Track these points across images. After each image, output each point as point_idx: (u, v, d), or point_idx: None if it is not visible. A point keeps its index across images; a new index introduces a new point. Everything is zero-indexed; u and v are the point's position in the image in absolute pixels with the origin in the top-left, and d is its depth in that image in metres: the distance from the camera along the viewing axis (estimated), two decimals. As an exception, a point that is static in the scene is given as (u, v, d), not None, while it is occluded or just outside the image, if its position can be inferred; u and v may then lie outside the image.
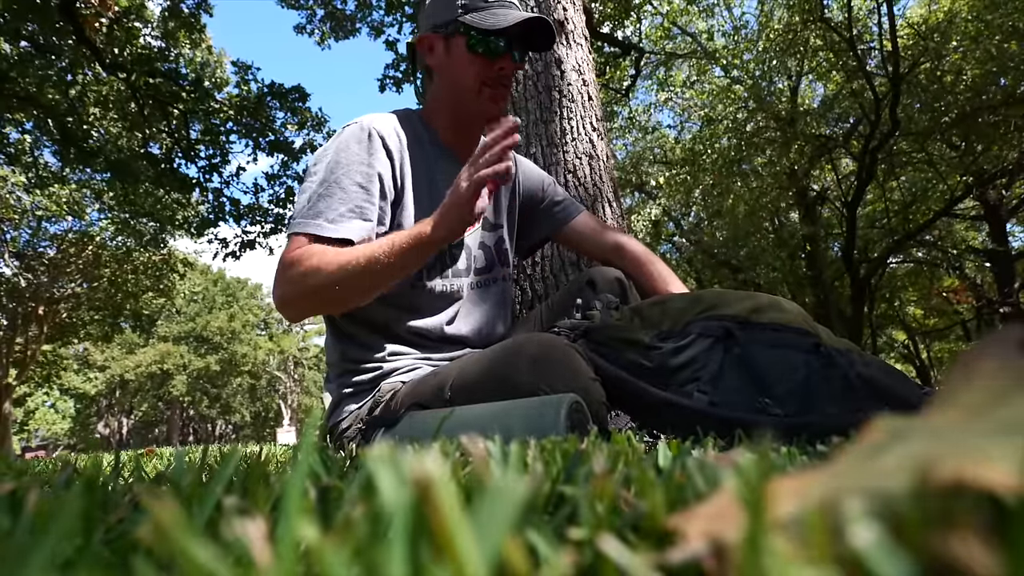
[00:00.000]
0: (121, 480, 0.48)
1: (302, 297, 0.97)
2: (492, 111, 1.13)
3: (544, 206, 1.35)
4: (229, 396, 27.33)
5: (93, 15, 6.24)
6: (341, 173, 1.03)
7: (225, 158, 7.71)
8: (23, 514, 0.23)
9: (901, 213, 9.18)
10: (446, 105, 1.17)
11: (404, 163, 1.10)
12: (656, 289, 1.25)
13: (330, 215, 1.00)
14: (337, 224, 0.99)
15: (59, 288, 12.83)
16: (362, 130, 1.07)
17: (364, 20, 7.75)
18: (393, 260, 0.94)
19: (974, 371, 0.21)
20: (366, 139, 1.06)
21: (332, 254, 0.95)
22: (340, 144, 1.06)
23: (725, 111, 9.17)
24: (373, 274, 0.94)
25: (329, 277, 0.93)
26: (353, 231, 1.00)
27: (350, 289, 0.96)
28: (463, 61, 1.11)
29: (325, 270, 0.93)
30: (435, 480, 0.13)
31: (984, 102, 6.92)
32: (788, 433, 0.76)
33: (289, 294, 0.97)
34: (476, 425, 0.73)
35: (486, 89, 1.11)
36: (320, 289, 0.94)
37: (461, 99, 1.14)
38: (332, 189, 1.02)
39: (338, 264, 0.94)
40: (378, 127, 1.08)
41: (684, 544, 0.16)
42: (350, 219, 1.01)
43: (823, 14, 7.30)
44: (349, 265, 0.93)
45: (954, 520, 0.13)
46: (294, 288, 0.96)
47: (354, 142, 1.06)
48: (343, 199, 1.01)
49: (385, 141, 1.08)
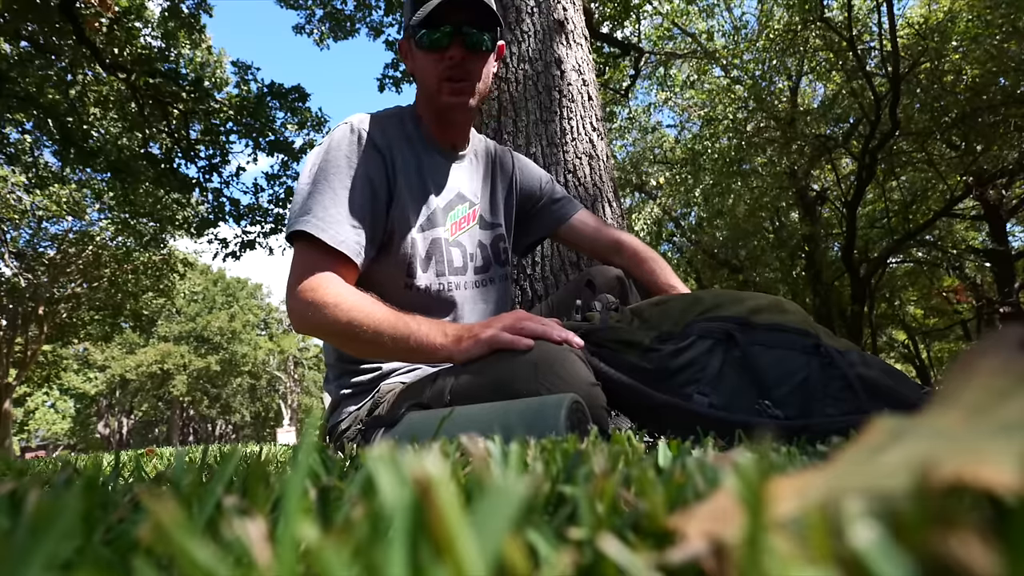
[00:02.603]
0: (121, 480, 0.48)
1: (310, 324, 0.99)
2: (452, 104, 1.13)
3: (542, 204, 1.35)
4: (229, 396, 27.33)
5: (93, 15, 6.24)
6: (332, 174, 1.04)
7: (225, 158, 7.72)
8: (23, 514, 0.23)
9: (901, 213, 9.19)
10: (423, 101, 1.20)
11: (395, 161, 1.11)
12: (655, 285, 1.25)
13: (320, 213, 1.01)
14: (326, 225, 1.01)
15: (59, 288, 12.84)
16: (352, 131, 1.09)
17: (363, 20, 7.76)
18: (395, 348, 0.95)
19: (974, 371, 0.21)
20: (355, 140, 1.08)
21: (348, 303, 0.96)
22: (330, 145, 1.07)
23: (725, 111, 9.16)
24: (373, 344, 0.96)
25: (336, 323, 0.95)
26: (347, 240, 1.01)
27: (346, 343, 1.00)
28: (421, 61, 1.13)
29: (334, 315, 0.95)
30: (435, 480, 0.13)
31: (984, 102, 6.92)
32: (788, 434, 0.76)
33: (300, 314, 0.99)
34: (476, 425, 0.73)
35: (444, 84, 1.11)
36: (326, 327, 0.97)
37: (428, 96, 1.16)
38: (322, 190, 1.03)
39: (348, 319, 0.95)
40: (367, 127, 1.10)
41: (684, 544, 0.16)
42: (342, 223, 1.02)
43: (823, 14, 7.30)
44: (355, 324, 0.94)
45: (954, 520, 0.13)
46: (306, 310, 0.98)
47: (344, 143, 1.07)
48: (334, 200, 1.03)
49: (374, 140, 1.09)
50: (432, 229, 1.14)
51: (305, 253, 1.01)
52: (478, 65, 1.13)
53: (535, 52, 2.06)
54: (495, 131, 2.01)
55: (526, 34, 2.09)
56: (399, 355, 0.98)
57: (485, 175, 1.27)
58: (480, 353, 0.91)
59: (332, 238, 1.00)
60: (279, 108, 7.61)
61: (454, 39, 1.09)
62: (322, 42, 8.13)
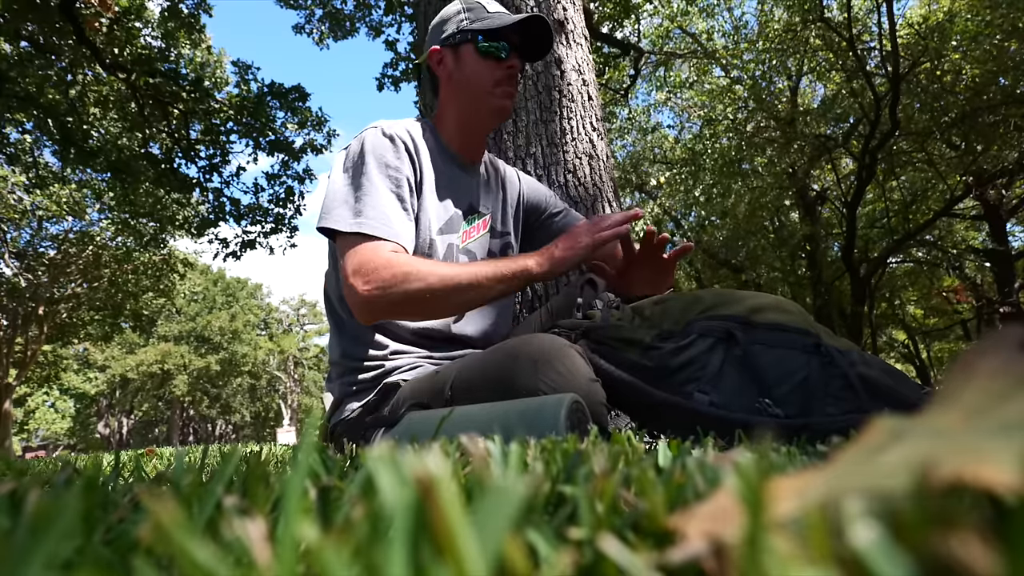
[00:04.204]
0: (121, 480, 0.48)
1: (392, 301, 0.97)
2: (505, 106, 1.21)
3: (545, 217, 1.40)
4: (229, 396, 27.33)
5: (93, 15, 6.24)
6: (374, 173, 1.06)
7: (225, 158, 7.71)
8: (23, 514, 0.23)
9: (901, 213, 9.19)
10: (455, 113, 1.23)
11: (423, 167, 1.15)
12: None
13: (371, 212, 1.02)
14: (381, 223, 1.02)
15: (59, 288, 12.84)
16: (384, 134, 1.11)
17: (363, 20, 7.76)
18: (495, 285, 0.99)
19: (974, 371, 0.21)
20: (390, 143, 1.10)
21: (427, 265, 0.98)
22: (364, 148, 1.09)
23: (725, 111, 9.17)
24: (472, 291, 0.98)
25: (428, 286, 0.95)
26: (401, 232, 1.04)
27: (441, 301, 0.98)
28: (476, 66, 1.19)
29: (424, 279, 0.95)
30: (436, 479, 0.13)
31: (984, 102, 6.92)
32: (788, 434, 0.76)
33: (376, 296, 0.97)
34: (476, 425, 0.73)
35: (498, 88, 1.19)
36: (414, 295, 0.96)
37: (474, 101, 1.21)
38: (368, 190, 1.05)
39: (439, 276, 0.96)
40: (398, 132, 1.13)
41: (684, 544, 0.16)
42: (394, 216, 1.04)
43: (823, 14, 7.30)
44: (449, 279, 0.96)
45: (954, 520, 0.13)
46: (383, 291, 0.96)
47: (379, 144, 1.10)
48: (380, 198, 1.04)
49: (407, 145, 1.12)
50: (448, 234, 1.18)
51: (359, 248, 1.01)
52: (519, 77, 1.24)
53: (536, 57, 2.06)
54: (495, 131, 2.01)
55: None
56: (499, 289, 1.00)
57: (497, 188, 1.33)
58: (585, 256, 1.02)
59: (389, 232, 1.01)
60: (279, 108, 7.60)
61: (511, 50, 1.20)
62: (322, 42, 8.12)
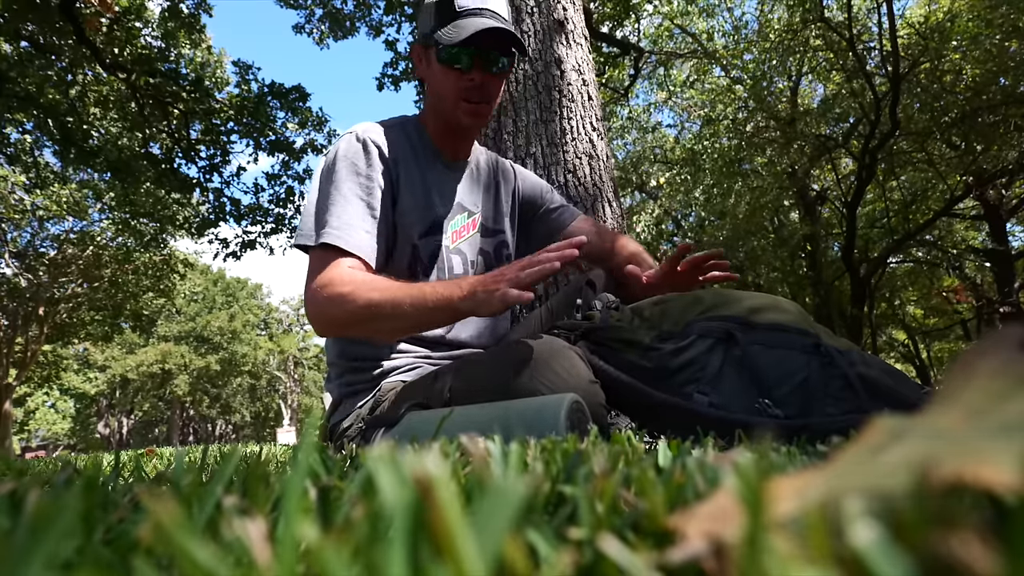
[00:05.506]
0: (121, 480, 0.48)
1: (330, 321, 0.99)
2: (465, 123, 1.13)
3: (542, 212, 1.37)
4: (229, 396, 27.33)
5: (93, 15, 6.23)
6: (342, 182, 1.06)
7: (225, 158, 7.71)
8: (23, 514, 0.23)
9: (901, 213, 9.18)
10: (432, 113, 1.20)
11: (399, 169, 1.13)
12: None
13: (334, 222, 1.03)
14: (343, 232, 1.02)
15: (59, 288, 12.84)
16: (357, 140, 1.10)
17: (363, 20, 7.76)
18: (417, 313, 0.93)
19: (974, 371, 0.21)
20: (361, 148, 1.09)
21: (365, 288, 0.95)
22: (337, 155, 1.09)
23: (725, 111, 9.16)
24: (395, 319, 0.94)
25: (353, 312, 0.95)
26: (361, 244, 1.03)
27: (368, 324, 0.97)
28: (439, 74, 1.12)
29: (353, 302, 0.95)
30: (436, 480, 0.13)
31: (984, 102, 6.91)
32: (788, 434, 0.76)
33: (316, 314, 1.00)
34: (476, 425, 0.73)
35: (462, 103, 1.11)
36: (343, 319, 0.97)
37: (441, 109, 1.16)
38: (334, 200, 1.05)
39: (364, 302, 0.94)
40: (372, 136, 1.11)
41: (684, 544, 0.16)
42: (355, 228, 1.03)
43: (823, 14, 7.30)
44: (373, 305, 0.94)
45: (954, 520, 0.13)
46: (322, 311, 0.98)
47: (351, 152, 1.09)
48: (345, 207, 1.04)
49: (379, 148, 1.10)
50: (433, 236, 1.15)
51: (319, 260, 1.02)
52: (496, 86, 1.14)
53: (535, 52, 2.06)
54: (495, 131, 2.01)
55: (526, 34, 2.09)
56: (422, 320, 0.95)
57: (488, 185, 1.29)
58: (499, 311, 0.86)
59: (347, 243, 1.01)
60: (279, 108, 7.61)
61: (475, 60, 1.09)
62: (322, 41, 8.13)
